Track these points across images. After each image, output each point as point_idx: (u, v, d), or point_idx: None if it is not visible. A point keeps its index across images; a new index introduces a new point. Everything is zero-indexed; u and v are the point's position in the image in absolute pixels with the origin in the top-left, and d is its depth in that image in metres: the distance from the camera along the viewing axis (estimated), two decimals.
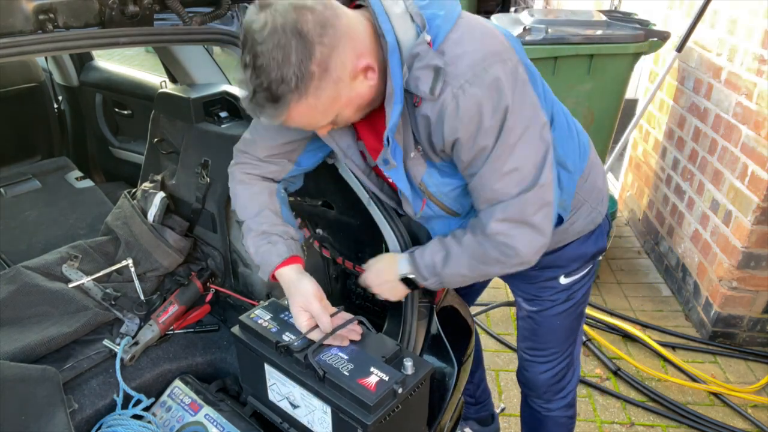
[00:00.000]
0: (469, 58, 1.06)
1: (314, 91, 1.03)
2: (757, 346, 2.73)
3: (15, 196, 2.45)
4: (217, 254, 1.93)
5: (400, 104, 1.09)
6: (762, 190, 2.39)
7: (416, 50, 1.06)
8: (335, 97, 1.07)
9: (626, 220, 3.82)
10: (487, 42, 1.10)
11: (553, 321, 1.59)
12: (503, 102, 1.07)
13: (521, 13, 3.06)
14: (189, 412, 1.54)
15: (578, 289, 1.56)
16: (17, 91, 2.70)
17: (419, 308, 1.49)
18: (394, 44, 1.07)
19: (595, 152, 1.48)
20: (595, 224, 1.49)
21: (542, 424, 1.81)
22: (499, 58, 1.08)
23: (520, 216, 1.15)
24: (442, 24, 1.08)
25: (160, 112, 2.03)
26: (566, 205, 1.38)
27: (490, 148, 1.10)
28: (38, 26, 1.19)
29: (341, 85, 1.06)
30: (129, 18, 1.30)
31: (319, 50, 1.00)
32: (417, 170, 1.23)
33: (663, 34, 2.86)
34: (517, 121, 1.09)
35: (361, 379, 1.17)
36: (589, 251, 1.51)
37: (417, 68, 1.06)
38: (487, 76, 1.06)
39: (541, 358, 1.67)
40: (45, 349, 1.60)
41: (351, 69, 1.06)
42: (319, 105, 1.06)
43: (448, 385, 1.43)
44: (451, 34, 1.08)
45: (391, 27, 1.07)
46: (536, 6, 6.21)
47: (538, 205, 1.14)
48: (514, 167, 1.12)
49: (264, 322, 1.35)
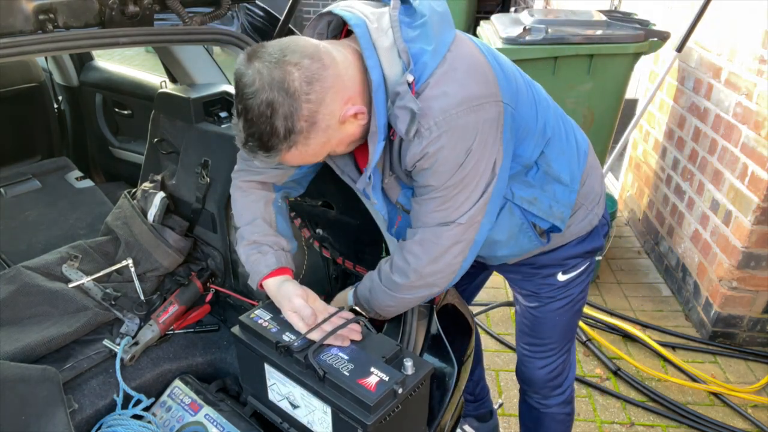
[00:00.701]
0: (443, 102, 1.08)
1: (304, 141, 1.07)
2: (757, 346, 2.73)
3: (15, 196, 2.45)
4: (217, 254, 1.93)
5: (383, 142, 1.12)
6: (762, 190, 2.39)
7: (397, 89, 1.07)
8: (325, 142, 1.11)
9: (626, 220, 3.82)
10: (470, 85, 1.10)
11: (552, 317, 1.61)
12: (465, 150, 1.10)
13: (521, 13, 3.06)
14: (189, 412, 1.54)
15: (576, 286, 1.58)
16: (17, 91, 2.70)
17: (419, 308, 1.49)
18: (380, 81, 1.08)
19: (593, 155, 1.49)
20: (592, 226, 1.51)
21: (540, 421, 1.82)
22: (476, 104, 1.09)
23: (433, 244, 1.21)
24: (428, 61, 1.08)
25: (160, 112, 2.03)
26: (564, 216, 1.40)
27: (437, 186, 1.15)
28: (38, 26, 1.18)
29: (330, 131, 1.10)
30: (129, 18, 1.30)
31: (306, 107, 1.04)
32: (392, 192, 1.29)
33: (663, 34, 2.86)
34: (472, 170, 1.13)
35: (361, 379, 1.17)
36: (585, 249, 1.53)
37: (397, 107, 1.08)
38: (455, 123, 1.08)
39: (539, 354, 1.69)
40: (45, 349, 1.60)
41: (339, 116, 1.09)
42: (309, 150, 1.10)
43: (448, 385, 1.43)
44: (436, 71, 1.08)
45: (378, 62, 1.08)
46: (536, 6, 6.20)
47: (453, 239, 1.20)
48: (449, 206, 1.17)
49: (264, 322, 1.35)
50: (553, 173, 1.34)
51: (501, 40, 2.84)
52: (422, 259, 1.22)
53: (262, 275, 1.35)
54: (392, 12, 1.11)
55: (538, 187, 1.35)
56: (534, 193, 1.35)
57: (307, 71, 1.02)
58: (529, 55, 2.79)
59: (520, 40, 2.79)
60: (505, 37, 2.82)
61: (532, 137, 1.29)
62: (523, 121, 1.24)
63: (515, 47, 2.78)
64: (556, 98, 1.46)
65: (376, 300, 1.34)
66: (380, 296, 1.32)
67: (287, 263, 1.38)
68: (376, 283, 1.33)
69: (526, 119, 1.25)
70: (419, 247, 1.22)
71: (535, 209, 1.36)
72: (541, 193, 1.35)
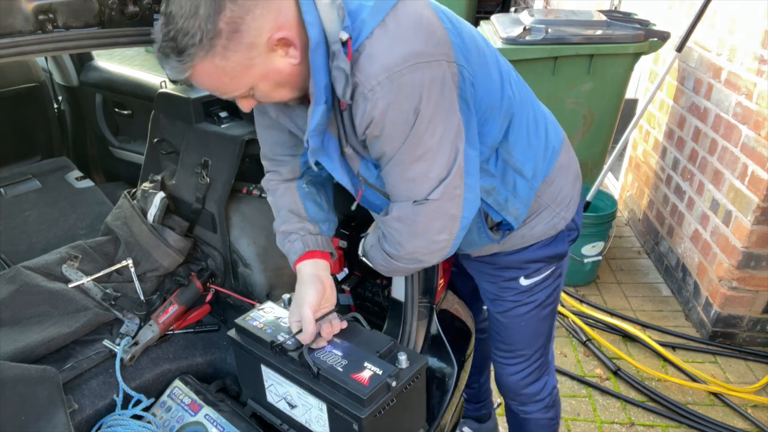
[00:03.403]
0: (384, 59, 0.99)
1: (222, 51, 0.97)
2: (757, 346, 2.73)
3: (15, 196, 2.45)
4: (217, 254, 1.93)
5: (323, 104, 1.04)
6: (762, 190, 2.39)
7: (333, 48, 1.00)
8: (247, 65, 1.01)
9: (626, 220, 3.82)
10: (414, 40, 1.01)
11: (518, 322, 1.57)
12: (413, 110, 1.02)
13: (521, 13, 3.06)
14: (189, 412, 1.55)
15: (540, 291, 1.52)
16: (17, 91, 2.70)
17: (419, 308, 1.49)
18: (318, 39, 1.00)
19: (568, 154, 1.43)
20: (557, 230, 1.44)
21: (523, 427, 1.78)
22: (422, 60, 1.01)
23: (411, 221, 1.16)
24: (367, 18, 1.00)
25: (160, 112, 2.03)
26: (518, 214, 1.34)
27: (392, 154, 1.09)
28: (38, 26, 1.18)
29: (255, 53, 1.00)
30: (129, 18, 1.30)
31: (230, 8, 0.95)
32: (353, 164, 1.20)
33: (663, 34, 2.86)
34: (426, 133, 1.05)
35: (355, 374, 1.17)
36: (547, 254, 1.47)
37: (334, 67, 1.00)
38: (401, 80, 1.00)
39: (510, 360, 1.65)
40: (45, 350, 1.60)
41: (267, 38, 0.99)
42: (227, 68, 1.00)
43: (448, 386, 1.43)
44: (376, 31, 1.00)
45: (318, 18, 1.00)
46: (536, 6, 6.20)
47: (430, 217, 1.15)
48: (412, 177, 1.11)
49: (259, 324, 1.36)
50: (514, 163, 1.27)
51: (501, 40, 2.84)
52: (403, 235, 1.18)
53: (293, 263, 1.35)
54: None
55: (499, 177, 1.29)
56: (493, 183, 1.29)
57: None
58: (529, 55, 2.79)
59: (520, 40, 2.79)
60: (505, 37, 2.82)
61: (496, 116, 1.21)
62: (486, 95, 1.17)
63: (515, 47, 2.78)
64: (556, 98, 1.44)
65: (373, 257, 1.32)
66: (376, 255, 1.30)
67: (315, 245, 1.35)
68: (375, 242, 1.30)
69: (489, 92, 1.17)
70: (398, 223, 1.18)
71: (490, 199, 1.31)
72: (501, 184, 1.30)
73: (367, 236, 1.38)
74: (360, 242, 1.41)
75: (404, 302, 1.48)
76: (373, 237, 1.33)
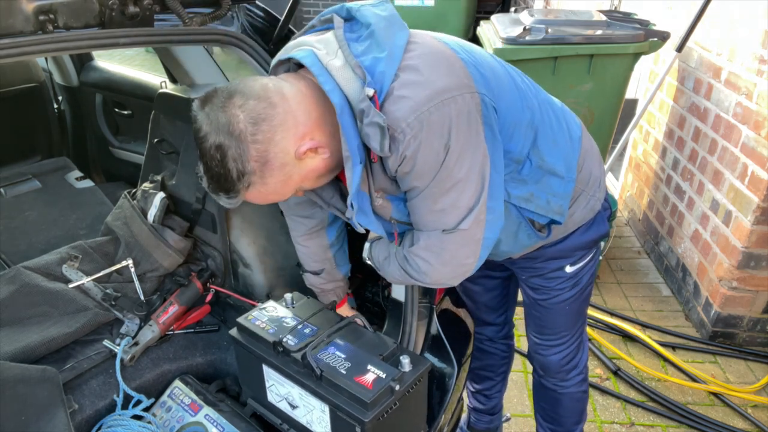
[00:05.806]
0: (411, 101, 1.03)
1: (259, 181, 1.07)
2: (757, 346, 2.73)
3: (15, 196, 2.45)
4: (217, 255, 1.93)
5: (360, 165, 1.08)
6: (762, 190, 2.39)
7: (361, 107, 1.03)
8: (286, 180, 1.10)
9: (626, 220, 3.82)
10: (433, 79, 1.06)
11: (562, 307, 1.60)
12: (443, 146, 1.06)
13: (521, 13, 3.06)
14: (189, 412, 1.55)
15: (584, 275, 1.57)
16: (17, 91, 2.70)
17: (419, 308, 1.49)
18: (343, 104, 1.05)
19: (587, 137, 1.45)
20: (594, 211, 1.48)
21: (559, 402, 1.81)
22: (447, 96, 1.05)
23: (439, 250, 1.19)
24: (385, 69, 1.04)
25: (160, 113, 2.03)
26: (562, 210, 1.36)
27: (422, 188, 1.12)
28: (38, 27, 1.18)
29: (288, 168, 1.08)
30: (129, 18, 1.30)
31: (254, 147, 1.03)
32: (385, 211, 1.24)
33: (663, 34, 2.86)
34: (456, 166, 1.09)
35: (358, 377, 1.17)
36: (591, 238, 1.51)
37: (366, 125, 1.04)
38: (430, 119, 1.04)
39: (552, 342, 1.69)
40: (45, 350, 1.60)
41: (295, 153, 1.07)
42: (269, 189, 1.10)
43: (448, 386, 1.43)
44: (398, 75, 1.05)
45: (336, 85, 1.05)
46: (536, 6, 6.20)
47: (459, 244, 1.18)
48: (441, 208, 1.14)
49: (261, 324, 1.35)
50: (548, 167, 1.30)
51: (501, 40, 2.84)
52: (432, 264, 1.20)
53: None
54: (337, 32, 1.10)
55: (533, 182, 1.30)
56: (530, 189, 1.31)
57: (252, 112, 1.02)
58: (529, 55, 2.79)
59: (520, 40, 2.79)
60: (505, 37, 2.82)
61: (521, 130, 1.24)
62: (508, 114, 1.19)
63: (515, 47, 2.78)
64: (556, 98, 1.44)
65: (388, 269, 1.33)
66: (394, 272, 1.31)
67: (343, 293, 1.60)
68: (392, 257, 1.31)
69: (511, 111, 1.20)
70: (427, 252, 1.20)
71: (532, 206, 1.33)
72: (537, 189, 1.31)
73: (374, 243, 1.39)
74: (365, 246, 1.41)
75: (404, 302, 1.48)
76: (384, 251, 1.34)
